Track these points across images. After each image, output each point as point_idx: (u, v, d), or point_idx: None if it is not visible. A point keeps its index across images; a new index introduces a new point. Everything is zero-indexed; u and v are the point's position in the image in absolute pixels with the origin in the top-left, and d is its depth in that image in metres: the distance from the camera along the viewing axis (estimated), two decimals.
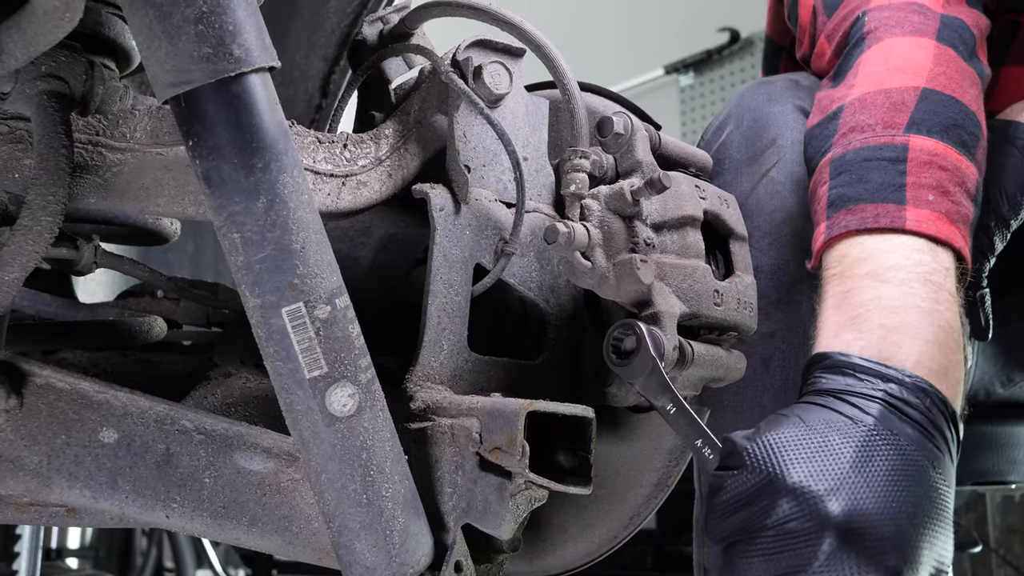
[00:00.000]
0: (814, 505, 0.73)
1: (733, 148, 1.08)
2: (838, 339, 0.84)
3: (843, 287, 0.88)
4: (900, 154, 0.91)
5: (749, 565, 0.75)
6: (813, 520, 0.73)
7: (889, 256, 0.87)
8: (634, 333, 0.78)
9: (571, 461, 0.72)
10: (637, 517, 0.91)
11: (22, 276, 0.68)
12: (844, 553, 0.73)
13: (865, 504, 0.73)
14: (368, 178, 0.81)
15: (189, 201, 0.73)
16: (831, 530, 0.73)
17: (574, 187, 0.83)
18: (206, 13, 0.57)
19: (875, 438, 0.76)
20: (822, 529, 0.73)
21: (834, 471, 0.75)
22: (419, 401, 0.76)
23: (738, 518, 0.76)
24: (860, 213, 0.89)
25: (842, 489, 0.74)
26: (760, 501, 0.75)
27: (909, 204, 0.89)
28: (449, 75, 0.83)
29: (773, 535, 0.74)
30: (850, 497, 0.73)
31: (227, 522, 0.74)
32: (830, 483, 0.74)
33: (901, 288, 0.85)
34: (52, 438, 0.72)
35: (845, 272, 0.89)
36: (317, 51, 1.55)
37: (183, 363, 1.02)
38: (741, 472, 0.76)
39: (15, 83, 0.71)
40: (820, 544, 0.73)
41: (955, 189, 0.90)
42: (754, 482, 0.75)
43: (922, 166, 0.90)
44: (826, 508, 0.73)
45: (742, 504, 0.76)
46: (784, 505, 0.74)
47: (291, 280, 0.60)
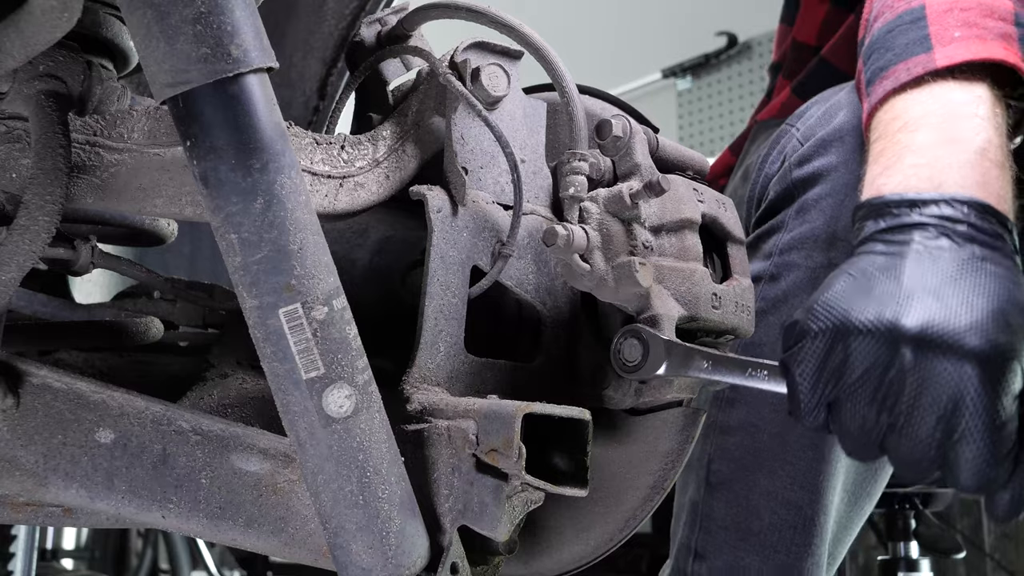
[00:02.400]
0: (884, 330, 0.73)
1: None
2: (872, 187, 0.85)
3: (879, 148, 0.89)
4: (918, 13, 0.92)
5: (852, 419, 0.75)
6: (887, 343, 0.73)
7: (918, 107, 0.88)
8: (639, 339, 0.79)
9: (567, 463, 0.72)
10: (633, 520, 0.91)
11: (19, 276, 0.68)
12: (927, 356, 0.72)
13: (930, 308, 0.73)
14: (365, 180, 0.81)
15: (186, 202, 0.73)
16: (907, 343, 0.73)
17: (573, 190, 0.83)
18: (204, 14, 0.57)
19: (920, 257, 0.77)
20: (898, 346, 0.73)
21: (891, 295, 0.75)
22: (416, 403, 0.76)
23: (821, 384, 0.76)
24: (893, 75, 0.90)
25: (904, 306, 0.74)
26: (835, 356, 0.75)
27: (936, 46, 0.88)
28: (447, 77, 0.83)
29: (860, 379, 0.74)
30: (915, 308, 0.74)
31: (223, 523, 0.74)
32: (892, 307, 0.74)
33: (931, 131, 0.85)
34: (48, 438, 0.72)
35: (881, 135, 0.90)
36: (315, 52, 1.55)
37: (180, 364, 1.02)
38: (808, 340, 0.76)
39: (13, 83, 0.71)
40: (902, 364, 0.73)
41: (983, 19, 0.89)
42: (823, 341, 0.75)
43: (942, 14, 0.90)
44: (896, 327, 0.73)
45: (820, 368, 0.76)
46: (857, 345, 0.74)
47: (288, 281, 0.60)
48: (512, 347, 0.92)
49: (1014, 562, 2.72)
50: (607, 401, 0.88)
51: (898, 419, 0.73)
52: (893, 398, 0.73)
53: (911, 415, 0.73)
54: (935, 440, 0.72)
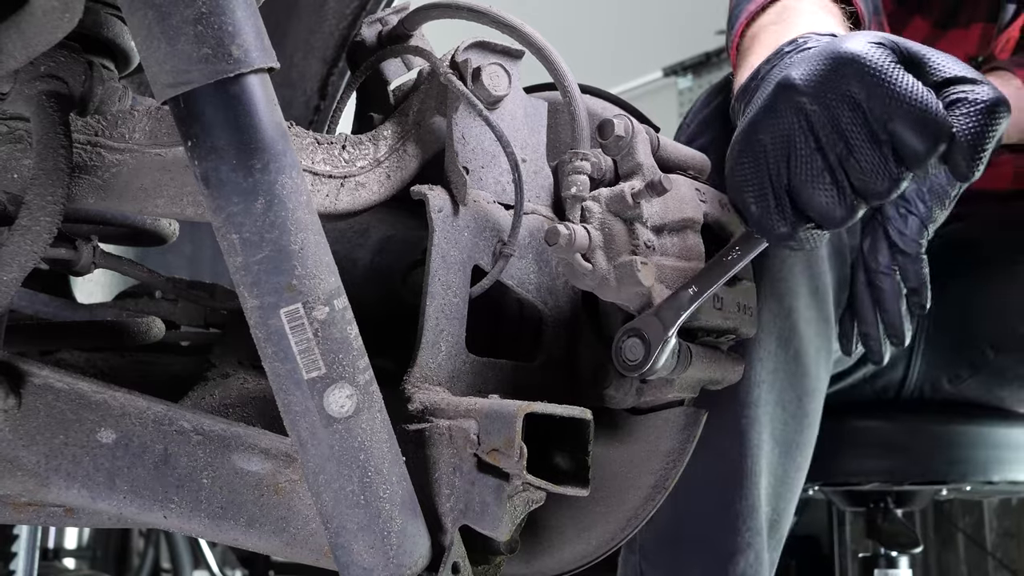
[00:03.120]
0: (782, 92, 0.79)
1: None
2: (739, 78, 0.99)
3: (739, 60, 1.04)
4: None
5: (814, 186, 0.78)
6: (791, 105, 0.78)
7: (759, 23, 1.04)
8: (641, 338, 0.79)
9: (568, 463, 0.72)
10: (635, 519, 0.91)
11: (21, 276, 0.68)
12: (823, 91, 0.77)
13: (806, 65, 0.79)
14: (367, 179, 0.81)
15: (188, 202, 0.73)
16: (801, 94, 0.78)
17: (575, 189, 0.83)
18: (205, 14, 0.57)
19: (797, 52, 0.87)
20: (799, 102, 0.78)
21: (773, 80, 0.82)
22: (417, 402, 0.76)
23: (769, 184, 0.80)
24: (745, 10, 1.07)
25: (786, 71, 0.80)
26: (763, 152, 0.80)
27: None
28: (448, 76, 0.83)
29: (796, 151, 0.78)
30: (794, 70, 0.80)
31: (225, 523, 0.74)
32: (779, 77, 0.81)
33: (773, 27, 1.00)
34: (50, 438, 0.72)
35: (740, 58, 1.04)
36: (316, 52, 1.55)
37: (181, 364, 1.02)
38: (736, 165, 0.82)
39: (14, 83, 0.71)
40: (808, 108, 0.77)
41: None
42: (748, 151, 0.81)
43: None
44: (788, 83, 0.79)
45: (759, 171, 0.80)
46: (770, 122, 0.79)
47: (289, 281, 0.60)
48: (513, 347, 0.92)
49: (1016, 560, 2.72)
50: (608, 400, 0.88)
51: (842, 152, 0.77)
52: (826, 138, 0.77)
53: (849, 137, 0.76)
54: (884, 154, 0.76)
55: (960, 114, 0.75)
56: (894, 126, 0.74)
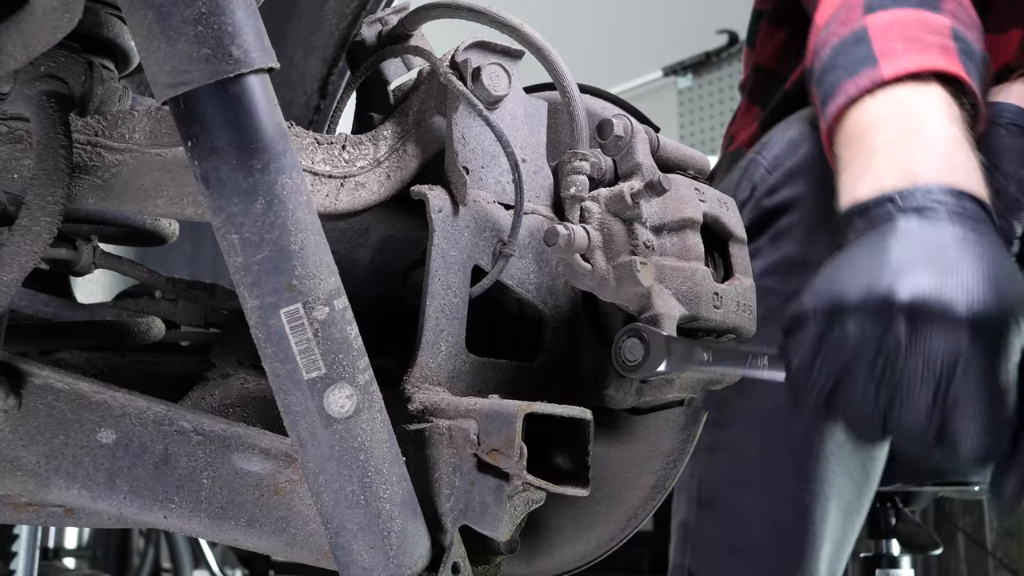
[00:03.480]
0: (876, 303, 0.73)
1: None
2: (849, 196, 0.87)
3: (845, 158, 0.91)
4: (861, 34, 0.94)
5: (853, 398, 0.74)
6: (881, 316, 0.73)
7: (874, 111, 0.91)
8: (640, 339, 0.79)
9: (568, 463, 0.72)
10: (634, 519, 0.91)
11: (21, 276, 0.68)
12: (920, 325, 0.72)
13: (920, 278, 0.73)
14: (366, 179, 0.81)
15: (188, 202, 0.73)
16: (900, 315, 0.72)
17: (574, 189, 0.83)
18: (205, 14, 0.57)
19: (904, 236, 0.77)
20: (892, 319, 0.73)
21: (881, 271, 0.75)
22: (417, 402, 0.76)
23: (819, 365, 0.75)
24: (844, 91, 0.93)
25: (895, 279, 0.74)
26: (831, 336, 0.75)
27: (881, 60, 0.91)
28: (448, 76, 0.83)
29: (857, 356, 0.73)
30: (905, 280, 0.73)
31: (225, 523, 0.74)
32: (883, 281, 0.74)
33: (892, 130, 0.88)
34: (50, 438, 0.72)
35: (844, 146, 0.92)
36: (316, 52, 1.55)
37: (181, 364, 1.02)
38: (804, 324, 0.76)
39: (14, 83, 0.71)
40: (897, 333, 0.72)
41: (924, 34, 0.92)
42: (818, 323, 0.75)
43: (884, 31, 0.93)
44: (888, 299, 0.73)
45: (816, 349, 0.75)
46: (852, 322, 0.74)
47: (289, 281, 0.60)
48: (513, 347, 0.92)
49: (1016, 560, 2.72)
50: (608, 400, 0.88)
51: (896, 392, 0.73)
52: (891, 371, 0.73)
53: (909, 386, 0.73)
54: (935, 411, 0.72)
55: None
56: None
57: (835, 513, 1.13)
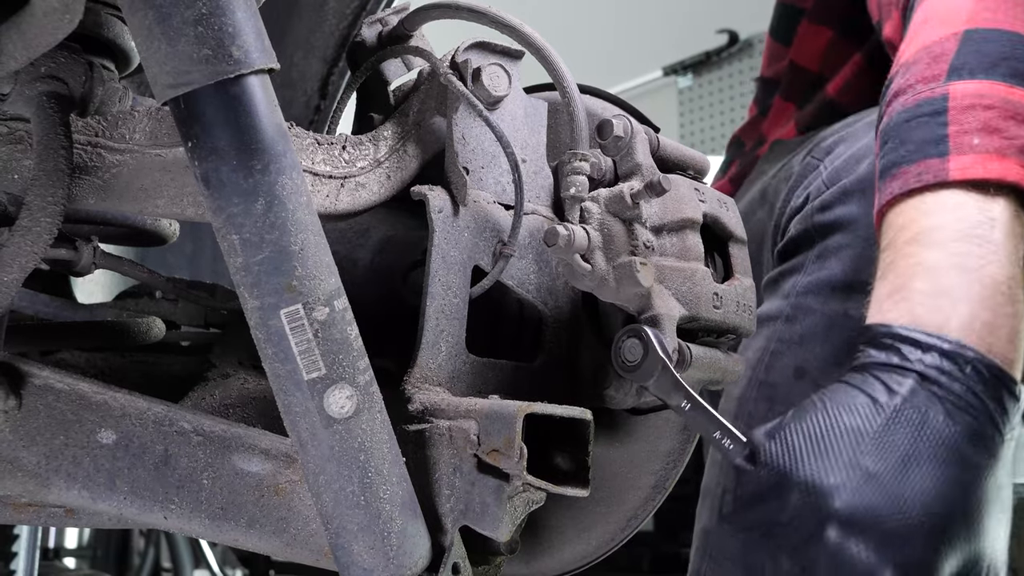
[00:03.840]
0: (817, 501, 0.72)
1: None
2: (880, 311, 0.82)
3: (888, 258, 0.85)
4: (939, 106, 0.86)
5: (765, 559, 0.75)
6: (816, 516, 0.72)
7: (931, 217, 0.83)
8: (640, 339, 0.79)
9: (569, 463, 0.72)
10: (635, 519, 0.91)
11: (21, 277, 0.68)
12: (849, 547, 0.71)
13: (870, 497, 0.71)
14: (367, 180, 0.81)
15: (188, 202, 0.73)
16: (833, 525, 0.71)
17: (574, 190, 0.83)
18: (205, 15, 0.57)
19: (896, 421, 0.73)
20: (824, 525, 0.72)
21: (842, 463, 0.73)
22: (417, 403, 0.76)
23: (755, 513, 0.76)
24: (904, 176, 0.85)
25: (848, 482, 0.72)
26: (774, 497, 0.75)
27: (952, 153, 0.83)
28: (448, 77, 0.83)
29: (784, 531, 0.74)
30: (855, 490, 0.72)
31: (225, 523, 0.74)
32: (837, 477, 0.72)
33: (942, 249, 0.81)
34: (50, 439, 0.72)
35: (891, 242, 0.85)
36: (316, 52, 1.55)
37: (181, 364, 1.02)
38: (758, 468, 0.75)
39: (15, 84, 0.71)
40: (824, 541, 0.72)
41: (1006, 124, 0.83)
42: (768, 479, 0.75)
43: (964, 111, 0.84)
44: (829, 503, 0.72)
45: (759, 500, 0.76)
46: (794, 501, 0.73)
47: (290, 282, 0.60)
48: (513, 347, 0.92)
49: (1017, 560, 2.72)
50: (608, 401, 0.88)
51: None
52: (811, 567, 0.73)
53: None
54: None
55: None
56: None
57: None
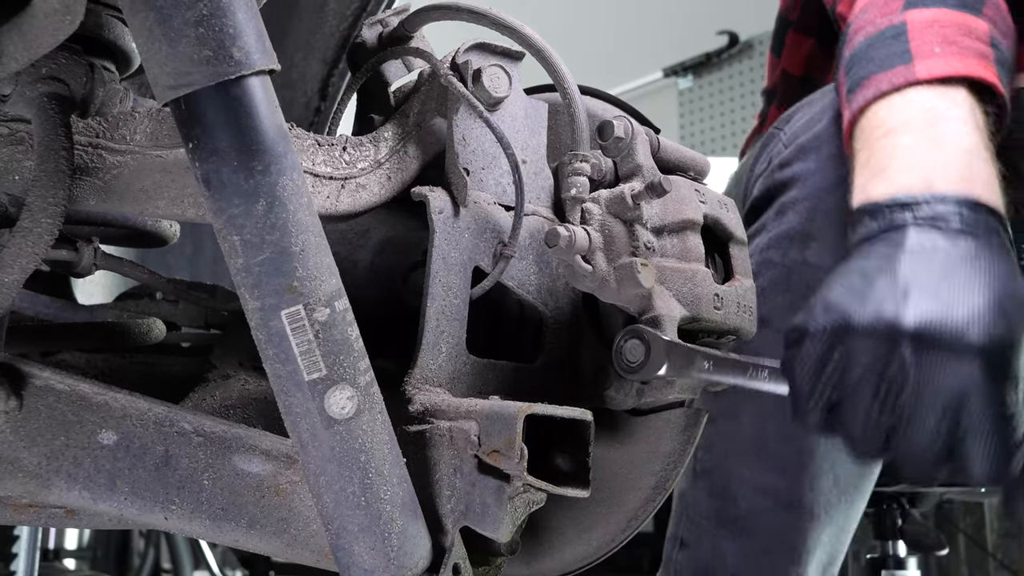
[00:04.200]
0: (882, 329, 0.73)
1: None
2: (863, 193, 0.86)
3: (864, 156, 0.91)
4: (899, 29, 0.94)
5: (854, 421, 0.74)
6: (886, 341, 0.73)
7: (900, 113, 0.90)
8: (641, 340, 0.79)
9: (569, 464, 0.72)
10: (635, 520, 0.91)
11: (22, 278, 0.68)
12: (926, 352, 0.72)
13: (927, 304, 0.73)
14: (367, 181, 0.81)
15: (188, 203, 0.73)
16: (906, 341, 0.72)
17: (575, 191, 0.83)
18: (206, 16, 0.57)
19: (915, 255, 0.77)
20: (897, 344, 0.73)
21: (889, 294, 0.75)
22: (417, 404, 0.76)
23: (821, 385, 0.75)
24: (874, 84, 0.93)
25: (902, 304, 0.74)
26: (835, 357, 0.75)
27: (916, 59, 0.90)
28: (448, 78, 0.83)
29: (860, 379, 0.73)
30: (912, 306, 0.73)
31: (225, 524, 0.74)
32: (890, 306, 0.74)
33: (915, 134, 0.87)
34: (51, 440, 0.72)
35: (865, 142, 0.92)
36: (316, 54, 1.55)
37: (182, 365, 1.02)
38: (808, 341, 0.76)
39: (16, 85, 0.71)
40: (903, 362, 0.72)
41: (962, 38, 0.90)
42: (823, 342, 0.75)
43: (922, 30, 0.92)
44: (894, 325, 0.73)
45: (819, 368, 0.75)
46: (856, 345, 0.74)
47: (290, 283, 0.60)
48: (514, 348, 0.92)
49: (1017, 561, 2.72)
50: (609, 402, 0.88)
51: (901, 418, 0.73)
52: (895, 397, 0.73)
53: (914, 413, 0.73)
54: (941, 437, 0.72)
55: None
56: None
57: (831, 490, 1.13)
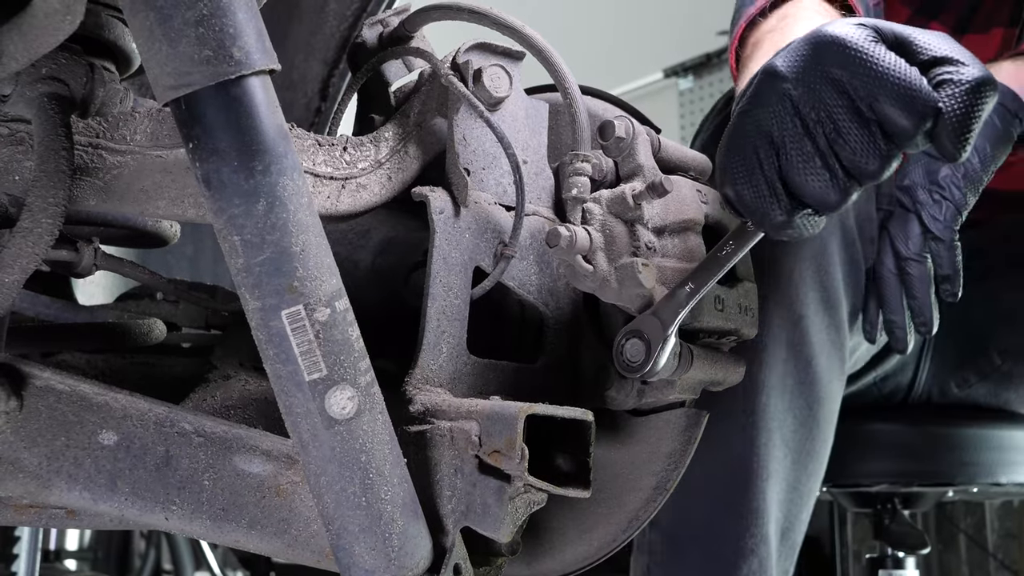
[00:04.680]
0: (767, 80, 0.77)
1: None
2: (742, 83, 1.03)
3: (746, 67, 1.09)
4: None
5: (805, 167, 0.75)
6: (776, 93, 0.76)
7: (762, 27, 1.11)
8: (641, 339, 0.79)
9: (570, 464, 0.72)
10: (636, 520, 0.91)
11: (22, 278, 0.68)
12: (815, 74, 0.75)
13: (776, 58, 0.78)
14: (368, 181, 0.81)
15: (189, 203, 0.73)
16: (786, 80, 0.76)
17: (576, 191, 0.83)
18: (206, 16, 0.57)
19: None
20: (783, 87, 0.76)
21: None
22: (418, 404, 0.76)
23: (759, 170, 0.77)
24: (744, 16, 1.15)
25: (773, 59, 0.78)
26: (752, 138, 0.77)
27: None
28: (449, 78, 0.83)
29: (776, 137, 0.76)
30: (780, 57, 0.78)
31: (226, 524, 0.74)
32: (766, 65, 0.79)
33: (775, 34, 1.07)
34: (52, 440, 0.72)
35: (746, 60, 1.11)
36: (316, 54, 1.55)
37: (182, 365, 1.02)
38: (727, 154, 0.78)
39: (16, 85, 0.71)
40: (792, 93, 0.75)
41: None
42: (736, 134, 0.78)
43: None
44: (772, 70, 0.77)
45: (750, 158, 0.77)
46: (756, 113, 0.77)
47: (291, 283, 0.60)
48: (515, 348, 0.92)
49: (1017, 561, 2.72)
50: (610, 402, 0.88)
51: (830, 134, 0.74)
52: (812, 121, 0.75)
53: (836, 118, 0.74)
54: (868, 117, 0.74)
55: (946, 94, 0.73)
56: (879, 105, 0.73)
57: (780, 449, 1.14)
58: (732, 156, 0.78)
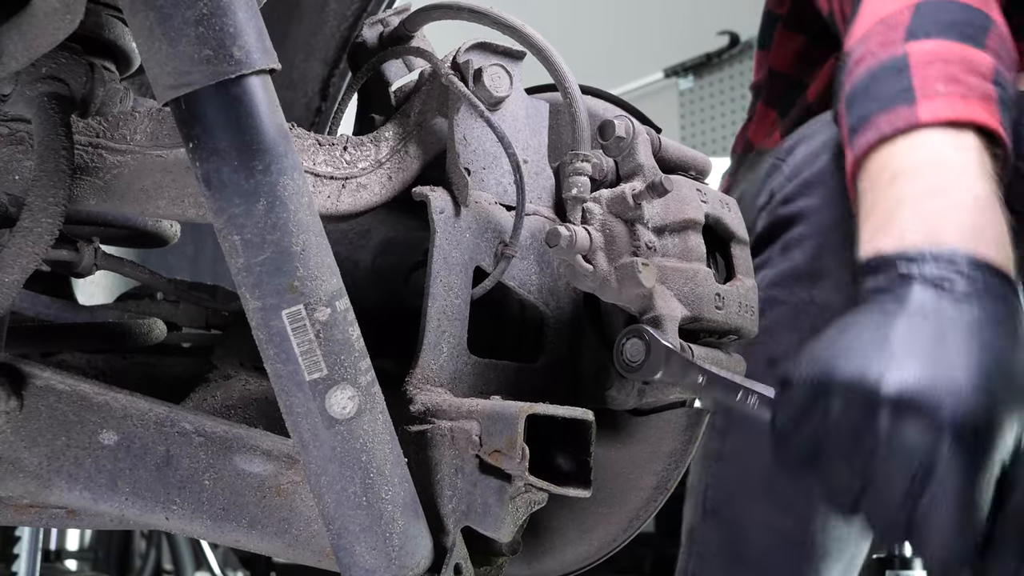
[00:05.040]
0: (862, 393, 0.72)
1: None
2: (870, 246, 0.84)
3: (869, 201, 0.88)
4: (901, 63, 0.90)
5: (828, 473, 0.74)
6: (865, 403, 0.72)
7: (905, 157, 0.87)
8: (642, 339, 0.79)
9: (570, 464, 0.72)
10: (636, 520, 0.91)
11: (22, 278, 0.68)
12: (902, 419, 0.71)
13: (912, 371, 0.72)
14: (368, 180, 0.81)
15: (189, 203, 0.73)
16: (884, 411, 0.71)
17: (576, 190, 0.83)
18: (207, 15, 0.57)
19: (912, 316, 0.75)
20: (875, 407, 0.72)
21: (875, 356, 0.73)
22: (419, 404, 0.76)
23: (799, 433, 0.75)
24: (876, 126, 0.89)
25: (886, 367, 0.72)
26: (816, 409, 0.74)
27: (920, 99, 0.87)
28: (449, 77, 0.83)
29: (836, 436, 0.73)
30: (896, 373, 0.72)
31: (227, 524, 0.74)
32: (875, 367, 0.73)
33: (921, 181, 0.84)
34: (52, 440, 0.72)
35: (871, 186, 0.89)
36: (317, 54, 1.55)
37: (183, 365, 1.02)
38: (794, 390, 0.75)
39: (16, 85, 0.71)
40: (878, 430, 0.71)
41: (966, 76, 0.88)
42: (804, 392, 0.74)
43: (925, 65, 0.89)
44: (874, 388, 0.72)
45: (801, 417, 0.75)
46: (836, 402, 0.73)
47: (291, 282, 0.60)
48: (515, 348, 0.92)
49: None
50: (610, 401, 0.88)
51: (870, 480, 0.73)
52: (867, 458, 0.73)
53: (883, 478, 0.72)
54: (905, 505, 0.72)
55: None
56: None
57: (841, 527, 1.13)
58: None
